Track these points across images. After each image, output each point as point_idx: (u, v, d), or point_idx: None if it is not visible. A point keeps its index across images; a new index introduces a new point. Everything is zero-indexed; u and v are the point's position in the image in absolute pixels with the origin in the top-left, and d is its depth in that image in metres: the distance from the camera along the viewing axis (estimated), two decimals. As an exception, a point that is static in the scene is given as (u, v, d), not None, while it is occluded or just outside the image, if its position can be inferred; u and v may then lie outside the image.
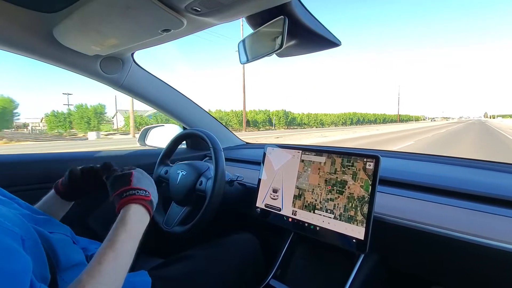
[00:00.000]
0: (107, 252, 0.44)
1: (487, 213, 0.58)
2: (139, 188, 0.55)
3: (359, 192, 0.65)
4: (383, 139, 13.11)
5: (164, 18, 0.63)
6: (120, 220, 0.50)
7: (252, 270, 0.80)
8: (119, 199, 0.54)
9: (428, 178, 0.73)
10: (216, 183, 0.79)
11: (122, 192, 0.54)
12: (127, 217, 0.50)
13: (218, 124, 1.43)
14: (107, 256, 0.44)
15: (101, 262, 0.43)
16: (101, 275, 0.41)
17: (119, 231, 0.48)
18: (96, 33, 0.74)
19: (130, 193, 0.54)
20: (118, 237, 0.47)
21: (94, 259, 0.43)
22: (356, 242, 0.63)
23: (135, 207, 0.53)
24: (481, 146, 9.37)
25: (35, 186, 0.92)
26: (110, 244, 0.46)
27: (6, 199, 0.48)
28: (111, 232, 0.48)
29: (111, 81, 1.03)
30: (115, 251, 0.45)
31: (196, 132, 0.91)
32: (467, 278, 0.66)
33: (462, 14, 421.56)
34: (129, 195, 0.54)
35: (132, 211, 0.52)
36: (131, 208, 0.52)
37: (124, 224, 0.49)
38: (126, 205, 0.52)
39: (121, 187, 0.55)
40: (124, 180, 0.57)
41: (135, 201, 0.53)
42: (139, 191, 0.55)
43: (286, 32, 0.63)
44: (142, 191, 0.55)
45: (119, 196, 0.54)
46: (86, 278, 0.40)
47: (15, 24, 0.74)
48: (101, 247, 0.46)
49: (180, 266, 0.70)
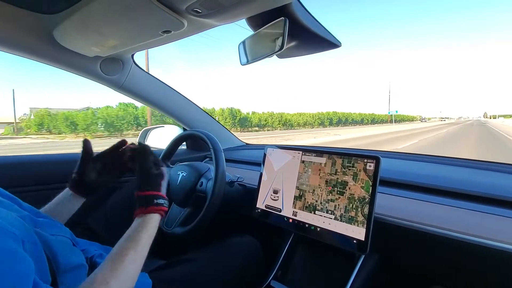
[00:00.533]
0: (130, 252, 0.47)
1: (486, 213, 0.59)
2: (164, 197, 0.58)
3: (359, 193, 0.65)
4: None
5: (165, 19, 0.63)
6: (144, 224, 0.53)
7: (253, 272, 0.79)
8: (147, 204, 0.55)
9: (428, 179, 0.73)
10: (216, 184, 0.78)
11: (152, 197, 0.56)
12: (150, 224, 0.53)
13: (218, 125, 1.43)
14: (130, 256, 0.47)
15: (124, 260, 0.46)
16: (123, 272, 0.45)
17: (142, 235, 0.51)
18: (97, 34, 0.74)
19: (160, 202, 0.57)
20: (141, 240, 0.50)
21: (117, 257, 0.46)
22: (356, 243, 0.63)
23: (158, 216, 0.56)
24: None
25: (37, 187, 0.92)
26: (134, 245, 0.49)
27: (6, 200, 0.48)
28: (132, 233, 0.51)
29: (111, 83, 1.03)
30: (138, 253, 0.48)
31: (196, 133, 0.91)
32: (467, 278, 0.66)
33: (460, 11, 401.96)
34: (158, 204, 0.56)
35: (155, 219, 0.55)
36: (154, 217, 0.55)
37: (147, 229, 0.52)
38: (152, 213, 0.55)
39: (151, 190, 0.57)
40: (156, 182, 0.59)
41: (159, 212, 0.56)
42: (165, 202, 0.58)
43: (286, 33, 0.63)
44: (166, 201, 0.58)
45: (147, 200, 0.56)
46: (110, 273, 0.43)
47: (15, 26, 0.74)
48: (122, 246, 0.49)
49: (181, 268, 0.70)
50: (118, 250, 0.48)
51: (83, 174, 0.66)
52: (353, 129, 29.46)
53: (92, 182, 0.67)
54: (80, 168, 0.66)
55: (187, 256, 0.74)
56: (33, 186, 0.92)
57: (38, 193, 0.93)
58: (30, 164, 0.96)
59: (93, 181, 0.67)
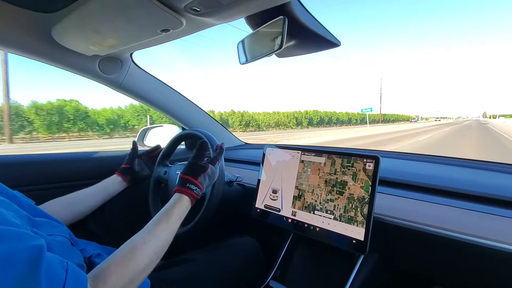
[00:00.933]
0: (163, 223, 0.56)
1: (485, 213, 0.58)
2: (198, 185, 0.66)
3: (359, 193, 0.65)
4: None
5: (163, 18, 0.63)
6: (176, 202, 0.62)
7: (253, 272, 0.79)
8: (182, 185, 0.65)
9: (427, 179, 0.73)
10: (215, 183, 0.78)
11: (187, 181, 0.65)
12: (181, 202, 0.62)
13: (217, 124, 1.43)
14: (164, 225, 0.56)
15: (159, 227, 0.55)
16: (157, 237, 0.53)
17: (175, 209, 0.60)
18: (95, 33, 0.73)
19: (191, 187, 0.65)
20: (174, 213, 0.59)
21: (154, 224, 0.55)
22: (356, 243, 0.63)
23: (187, 198, 0.64)
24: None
25: (37, 187, 0.92)
26: (167, 217, 0.57)
27: (6, 199, 0.48)
28: (166, 208, 0.60)
29: (110, 82, 1.03)
30: (170, 224, 0.57)
31: (195, 133, 0.90)
32: (466, 278, 0.66)
33: (459, 11, 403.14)
34: (190, 188, 0.65)
35: (185, 200, 0.63)
36: (184, 198, 0.63)
37: (179, 207, 0.61)
38: (183, 194, 0.63)
39: (189, 175, 0.66)
40: (196, 171, 0.68)
41: (189, 195, 0.64)
42: (197, 188, 0.65)
43: (286, 32, 0.63)
44: (199, 189, 0.66)
45: (184, 182, 0.65)
46: (147, 236, 0.52)
47: (12, 24, 0.74)
48: (157, 218, 0.57)
49: (180, 268, 0.70)
50: (154, 221, 0.56)
51: (131, 166, 0.89)
52: (321, 131, 24.27)
53: (136, 173, 0.89)
54: (128, 161, 0.89)
55: (186, 256, 0.74)
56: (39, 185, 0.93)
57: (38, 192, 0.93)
58: (36, 163, 0.96)
59: (137, 172, 0.89)
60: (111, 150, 1.20)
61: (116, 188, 0.83)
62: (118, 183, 0.84)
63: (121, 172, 0.86)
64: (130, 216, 0.88)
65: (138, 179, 0.90)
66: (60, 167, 1.01)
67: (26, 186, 0.90)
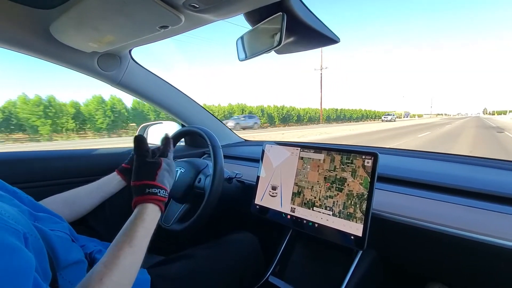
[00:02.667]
0: (124, 247, 0.46)
1: (484, 210, 0.59)
2: (161, 187, 0.57)
3: (358, 189, 0.65)
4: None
5: (162, 14, 0.62)
6: (138, 216, 0.52)
7: (252, 268, 0.80)
8: (140, 194, 0.55)
9: (426, 175, 0.74)
10: (214, 180, 0.79)
11: (145, 186, 0.56)
12: (145, 214, 0.52)
13: (217, 121, 1.43)
14: (124, 250, 0.45)
15: (119, 256, 0.44)
16: (118, 268, 0.43)
17: (137, 227, 0.50)
18: (93, 30, 0.73)
19: (152, 191, 0.55)
20: (136, 233, 0.49)
21: (112, 252, 0.45)
22: (354, 239, 0.64)
23: (153, 207, 0.54)
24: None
25: (35, 184, 0.92)
26: (128, 239, 0.47)
27: (6, 194, 0.48)
28: (128, 226, 0.50)
29: (109, 78, 1.03)
30: (133, 247, 0.47)
31: (195, 130, 0.90)
32: (464, 274, 0.67)
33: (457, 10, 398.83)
34: (150, 193, 0.55)
35: (150, 210, 0.53)
36: (149, 207, 0.54)
37: (143, 221, 0.51)
38: (146, 203, 0.54)
39: (145, 179, 0.57)
40: (151, 171, 0.58)
41: (154, 202, 0.55)
42: (160, 190, 0.56)
43: (284, 28, 0.62)
44: (163, 190, 0.57)
45: (140, 189, 0.55)
46: (104, 270, 0.42)
47: (11, 21, 0.73)
48: (118, 240, 0.48)
49: (179, 264, 0.70)
50: (113, 245, 0.47)
51: (132, 166, 0.73)
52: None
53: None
54: (130, 161, 0.78)
55: (186, 252, 0.75)
56: (37, 182, 0.93)
57: (42, 188, 0.93)
58: (35, 160, 0.97)
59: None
60: (111, 147, 1.20)
61: (115, 187, 0.80)
62: (117, 182, 0.80)
63: (121, 172, 0.81)
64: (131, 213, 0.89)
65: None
66: (58, 164, 1.01)
67: (24, 183, 0.90)
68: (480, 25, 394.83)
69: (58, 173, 0.99)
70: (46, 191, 0.70)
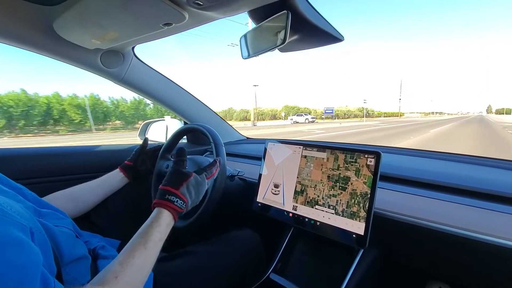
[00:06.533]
0: (140, 248, 0.48)
1: (487, 210, 0.59)
2: (180, 197, 0.58)
3: (362, 188, 0.65)
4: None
5: (166, 11, 0.62)
6: (155, 219, 0.54)
7: (253, 265, 0.80)
8: (160, 197, 0.57)
9: (429, 175, 0.73)
10: (217, 178, 0.79)
11: (166, 192, 0.58)
12: (161, 219, 0.54)
13: (219, 119, 1.43)
14: (140, 251, 0.48)
15: (134, 256, 0.47)
16: (132, 268, 0.45)
17: (154, 231, 0.52)
18: (97, 27, 0.73)
19: (171, 199, 0.57)
20: (152, 236, 0.51)
21: (127, 252, 0.47)
22: (356, 237, 0.64)
23: (167, 214, 0.56)
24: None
25: (38, 180, 0.93)
26: (144, 241, 0.49)
27: (11, 191, 0.48)
28: (145, 228, 0.52)
29: (112, 75, 1.03)
30: (147, 249, 0.49)
31: (197, 127, 0.91)
32: (465, 273, 0.67)
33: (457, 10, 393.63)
34: (168, 200, 0.57)
35: (166, 215, 0.55)
36: (165, 213, 0.56)
37: (159, 226, 0.53)
38: (162, 208, 0.56)
39: (170, 185, 0.59)
40: (178, 180, 0.60)
41: (168, 209, 0.56)
42: (178, 200, 0.58)
43: (289, 27, 0.62)
44: (181, 201, 0.58)
45: (162, 193, 0.58)
46: (119, 268, 0.44)
47: (15, 17, 0.73)
48: (134, 240, 0.50)
49: (181, 261, 0.71)
50: (130, 244, 0.49)
51: (135, 164, 0.87)
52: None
53: (139, 171, 0.88)
54: (133, 159, 0.88)
55: (188, 249, 0.75)
56: (40, 178, 0.94)
57: (45, 185, 0.94)
58: (38, 156, 0.97)
59: (139, 170, 0.88)
60: (114, 144, 1.21)
61: (118, 184, 0.83)
62: (120, 179, 0.83)
63: (124, 169, 0.85)
64: (134, 210, 0.89)
65: (140, 176, 0.90)
66: (61, 161, 1.01)
67: (27, 179, 0.91)
68: (476, 18, 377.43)
69: (61, 169, 1.00)
70: (49, 188, 0.71)
